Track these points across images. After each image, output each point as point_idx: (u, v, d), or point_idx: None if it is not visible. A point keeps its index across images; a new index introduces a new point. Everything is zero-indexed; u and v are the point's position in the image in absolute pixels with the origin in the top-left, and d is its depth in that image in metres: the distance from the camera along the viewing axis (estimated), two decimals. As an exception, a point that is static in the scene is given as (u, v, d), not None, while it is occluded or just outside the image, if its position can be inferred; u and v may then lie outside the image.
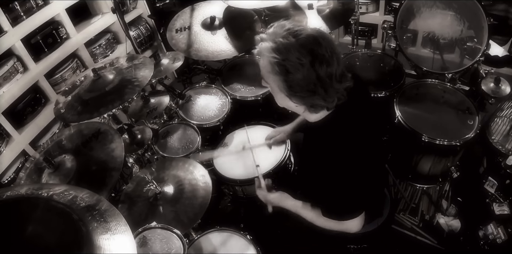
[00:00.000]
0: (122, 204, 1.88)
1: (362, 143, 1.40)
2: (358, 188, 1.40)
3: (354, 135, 1.39)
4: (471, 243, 2.25)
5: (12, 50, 2.44)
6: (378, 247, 1.86)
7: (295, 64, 1.21)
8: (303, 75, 1.23)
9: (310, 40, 1.22)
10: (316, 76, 1.23)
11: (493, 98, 2.36)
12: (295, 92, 1.29)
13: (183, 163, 2.01)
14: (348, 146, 1.36)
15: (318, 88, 1.26)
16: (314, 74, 1.23)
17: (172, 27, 2.71)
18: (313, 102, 1.32)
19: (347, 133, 1.38)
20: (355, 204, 1.44)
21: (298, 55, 1.21)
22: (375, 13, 3.54)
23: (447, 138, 2.17)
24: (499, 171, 2.20)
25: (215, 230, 1.83)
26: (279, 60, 1.23)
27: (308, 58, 1.21)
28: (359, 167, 1.38)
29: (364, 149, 1.41)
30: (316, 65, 1.22)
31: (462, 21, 2.40)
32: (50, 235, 1.06)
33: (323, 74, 1.23)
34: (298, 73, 1.22)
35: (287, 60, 1.22)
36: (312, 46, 1.22)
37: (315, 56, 1.21)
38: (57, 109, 2.09)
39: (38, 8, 2.52)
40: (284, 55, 1.22)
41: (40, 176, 1.81)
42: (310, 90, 1.27)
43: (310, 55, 1.21)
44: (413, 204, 2.55)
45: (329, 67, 1.24)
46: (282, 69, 1.24)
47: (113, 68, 2.20)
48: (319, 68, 1.22)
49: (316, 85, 1.25)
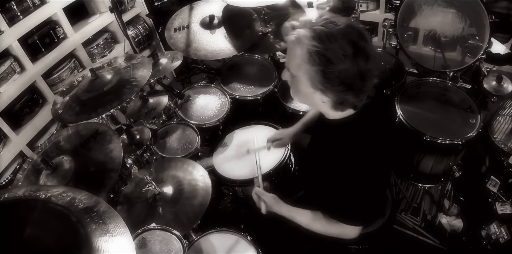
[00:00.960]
0: (121, 205, 1.88)
1: (380, 147, 1.36)
2: (369, 192, 1.36)
3: (375, 139, 1.34)
4: (474, 243, 2.25)
5: (9, 50, 2.44)
6: (380, 248, 1.86)
7: (338, 54, 1.13)
8: (344, 68, 1.14)
9: (353, 31, 1.16)
10: (357, 69, 1.16)
11: (495, 96, 2.35)
12: (331, 86, 1.20)
13: (182, 164, 2.01)
14: (367, 148, 1.31)
15: (356, 82, 1.18)
16: (356, 67, 1.15)
17: (170, 26, 2.71)
18: (345, 98, 1.24)
19: (369, 135, 1.33)
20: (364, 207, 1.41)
21: (342, 45, 1.13)
22: (375, 11, 3.53)
23: (449, 137, 2.16)
24: (501, 170, 2.20)
25: (215, 231, 1.83)
26: (321, 49, 1.14)
27: (351, 50, 1.13)
28: (374, 171, 1.34)
29: (381, 153, 1.36)
30: (359, 58, 1.15)
31: (464, 18, 2.40)
32: (48, 237, 1.06)
33: (363, 69, 1.16)
34: (340, 64, 1.14)
35: (329, 49, 1.13)
36: (355, 37, 1.15)
37: (358, 49, 1.14)
38: (55, 110, 2.09)
39: (35, 8, 2.52)
40: (326, 44, 1.13)
41: (38, 177, 1.81)
42: (347, 84, 1.18)
43: (352, 47, 1.14)
44: (415, 204, 2.55)
45: (369, 62, 1.17)
46: (322, 59, 1.15)
47: (111, 68, 2.20)
48: (361, 61, 1.15)
49: (355, 79, 1.17)
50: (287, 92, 2.54)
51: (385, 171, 1.44)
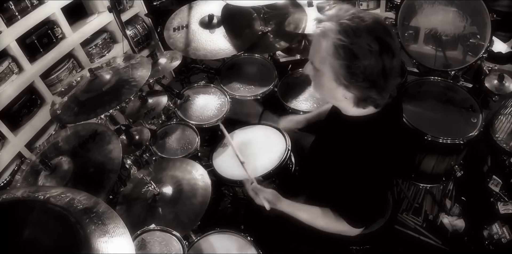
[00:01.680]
0: (120, 206, 1.88)
1: (393, 146, 1.36)
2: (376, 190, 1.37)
3: (393, 138, 1.35)
4: (476, 243, 2.25)
5: (7, 50, 2.44)
6: (381, 248, 1.86)
7: (364, 49, 1.13)
8: (370, 63, 1.15)
9: (379, 27, 1.16)
10: (382, 66, 1.16)
11: (496, 95, 2.35)
12: (356, 81, 1.19)
13: (181, 163, 2.01)
14: (383, 148, 1.31)
15: (380, 79, 1.19)
16: (381, 63, 1.15)
17: (169, 25, 2.71)
18: (368, 95, 1.24)
19: (388, 135, 1.34)
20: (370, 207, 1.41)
21: (368, 40, 1.13)
22: (376, 10, 3.53)
23: (450, 136, 2.16)
24: (503, 170, 2.20)
25: (215, 232, 1.83)
26: (347, 44, 1.14)
27: (377, 46, 1.13)
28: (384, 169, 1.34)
29: (393, 152, 1.37)
30: (384, 54, 1.15)
31: (465, 17, 2.40)
32: (47, 238, 1.06)
33: (388, 66, 1.17)
34: (366, 60, 1.14)
35: (355, 44, 1.13)
36: (381, 33, 1.15)
37: (384, 45, 1.15)
38: (53, 110, 2.08)
39: (33, 8, 2.52)
40: (352, 39, 1.14)
41: (36, 178, 1.80)
42: (371, 80, 1.19)
43: (379, 43, 1.14)
44: (416, 204, 2.55)
45: (394, 59, 1.18)
46: (348, 54, 1.15)
47: (110, 68, 2.19)
48: (386, 58, 1.15)
49: (379, 75, 1.18)
50: (287, 92, 2.57)
51: (391, 172, 1.44)
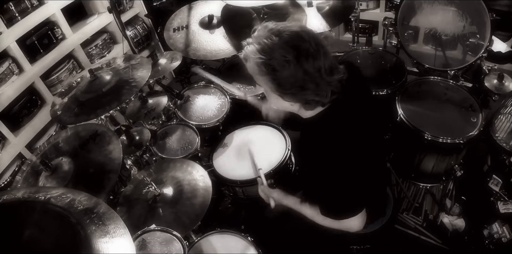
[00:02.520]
0: (121, 206, 1.88)
1: (358, 139, 1.40)
2: (355, 186, 1.39)
3: (350, 131, 1.38)
4: (476, 242, 2.25)
5: (7, 51, 2.44)
6: (381, 248, 1.86)
7: (281, 61, 1.23)
8: (289, 72, 1.24)
9: (293, 37, 1.24)
10: (303, 71, 1.24)
11: (496, 94, 2.35)
12: (285, 90, 1.30)
13: (181, 164, 2.01)
14: (342, 141, 1.36)
15: (308, 82, 1.27)
16: (301, 69, 1.24)
17: (169, 26, 2.71)
18: (306, 98, 1.33)
19: (342, 128, 1.38)
20: (352, 202, 1.43)
21: (283, 52, 1.22)
22: (375, 10, 3.54)
23: (450, 136, 2.16)
24: (503, 169, 2.20)
25: (215, 232, 1.83)
26: (265, 60, 1.24)
27: (293, 54, 1.22)
28: (355, 164, 1.37)
29: (361, 145, 1.40)
30: (302, 60, 1.23)
31: (464, 16, 2.40)
32: (48, 239, 1.06)
33: (311, 69, 1.24)
34: (285, 70, 1.24)
35: (272, 58, 1.23)
36: (296, 42, 1.23)
37: (300, 51, 1.23)
38: (54, 111, 2.09)
39: (33, 9, 2.52)
40: (269, 55, 1.23)
41: (37, 179, 1.81)
42: (299, 86, 1.27)
43: (294, 51, 1.22)
44: (417, 203, 2.55)
45: (316, 61, 1.25)
46: (268, 69, 1.25)
47: (110, 69, 2.20)
48: (305, 62, 1.23)
49: (305, 80, 1.26)
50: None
51: (367, 161, 1.46)
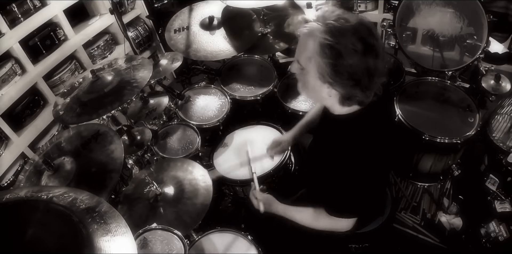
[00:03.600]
0: (122, 205, 1.88)
1: (382, 144, 1.38)
2: (367, 188, 1.38)
3: (379, 136, 1.37)
4: (473, 241, 2.25)
5: (10, 52, 2.44)
6: (380, 246, 1.86)
7: (349, 49, 1.18)
8: (354, 62, 1.19)
9: (364, 29, 1.20)
10: (366, 66, 1.20)
11: (493, 95, 2.36)
12: (340, 79, 1.23)
13: (182, 164, 2.01)
14: (370, 145, 1.33)
15: (364, 78, 1.22)
16: (365, 63, 1.20)
17: (170, 27, 2.71)
18: (352, 93, 1.28)
19: (373, 132, 1.36)
20: (359, 203, 1.43)
21: (353, 40, 1.17)
22: (374, 11, 3.53)
23: (448, 136, 2.17)
24: (500, 169, 2.20)
25: (216, 231, 1.83)
26: (332, 43, 1.18)
27: (361, 46, 1.18)
28: (374, 166, 1.36)
29: (382, 150, 1.39)
30: (368, 54, 1.19)
31: (462, 18, 2.40)
32: (50, 237, 1.06)
33: (372, 65, 1.21)
34: (350, 59, 1.19)
35: (340, 44, 1.18)
36: (365, 34, 1.19)
37: (368, 45, 1.19)
38: (56, 111, 2.08)
39: (36, 10, 2.52)
40: (337, 38, 1.18)
41: (39, 178, 1.80)
42: (355, 79, 1.23)
43: (363, 43, 1.18)
44: (415, 202, 2.55)
45: (378, 60, 1.22)
46: (333, 53, 1.19)
47: (112, 70, 2.19)
48: (370, 58, 1.20)
49: (363, 74, 1.21)
50: (286, 92, 2.57)
51: (383, 169, 1.46)
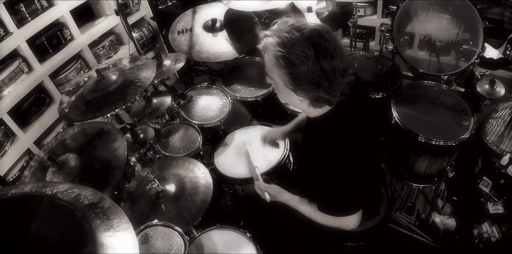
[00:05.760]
0: (125, 202, 1.88)
1: (360, 140, 1.41)
2: (355, 185, 1.40)
3: (353, 132, 1.39)
4: (466, 241, 2.25)
5: (18, 51, 2.44)
6: (375, 245, 1.86)
7: (300, 56, 1.21)
8: (307, 68, 1.22)
9: (314, 34, 1.22)
10: (320, 68, 1.23)
11: (488, 99, 2.36)
12: (300, 85, 1.28)
13: (183, 162, 2.01)
14: (347, 142, 1.36)
15: (323, 80, 1.25)
16: (319, 66, 1.23)
17: (174, 29, 2.71)
18: (318, 95, 1.31)
19: (347, 129, 1.39)
20: (352, 201, 1.44)
21: (303, 48, 1.21)
22: (373, 16, 3.54)
23: (443, 138, 2.17)
24: (493, 171, 2.20)
25: (215, 228, 1.83)
26: (284, 54, 1.22)
27: (312, 51, 1.21)
28: (356, 163, 1.38)
29: (362, 146, 1.41)
30: (321, 57, 1.22)
31: (458, 24, 2.40)
32: (54, 232, 1.05)
33: (327, 67, 1.23)
34: (303, 65, 1.22)
35: (292, 53, 1.21)
36: (316, 39, 1.22)
37: (319, 49, 1.21)
38: (61, 109, 2.08)
39: (43, 10, 2.53)
40: (289, 49, 1.22)
41: (44, 174, 1.80)
42: (314, 83, 1.26)
43: (314, 48, 1.21)
44: (409, 203, 2.55)
45: (333, 61, 1.24)
46: (287, 62, 1.23)
47: (116, 69, 2.19)
48: (323, 61, 1.22)
49: (320, 77, 1.24)
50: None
51: (367, 162, 1.48)
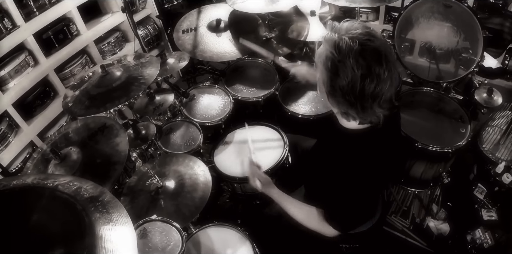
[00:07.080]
0: (125, 196, 1.87)
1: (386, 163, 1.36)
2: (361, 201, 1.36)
3: (384, 156, 1.33)
4: (459, 246, 2.25)
5: (24, 44, 2.44)
6: (370, 247, 1.86)
7: (347, 71, 1.11)
8: (347, 85, 1.13)
9: (374, 55, 1.11)
10: (359, 90, 1.13)
11: (485, 108, 2.36)
12: (334, 94, 1.19)
13: (184, 159, 2.01)
14: (373, 164, 1.29)
15: (357, 103, 1.16)
16: (359, 88, 1.13)
17: (179, 28, 2.70)
18: (347, 111, 1.23)
19: (380, 152, 1.32)
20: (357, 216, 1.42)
21: (354, 64, 1.10)
22: (374, 22, 3.54)
23: (439, 144, 2.16)
24: (488, 179, 2.20)
25: (213, 225, 1.83)
26: (335, 58, 1.13)
27: (360, 72, 1.10)
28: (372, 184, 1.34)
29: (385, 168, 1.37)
30: (367, 81, 1.11)
31: (459, 32, 2.41)
32: (54, 224, 1.05)
33: (368, 93, 1.13)
34: (345, 80, 1.12)
35: (341, 62, 1.12)
36: (372, 61, 1.11)
37: (369, 73, 1.11)
38: (65, 103, 2.08)
39: (51, 5, 2.52)
40: (341, 57, 1.11)
41: (46, 166, 1.80)
42: (348, 100, 1.17)
43: (364, 70, 1.10)
44: (405, 207, 2.55)
45: (377, 88, 1.13)
46: (333, 68, 1.14)
47: (121, 65, 2.19)
48: (367, 84, 1.12)
49: (356, 99, 1.15)
50: (287, 96, 2.56)
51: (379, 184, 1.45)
